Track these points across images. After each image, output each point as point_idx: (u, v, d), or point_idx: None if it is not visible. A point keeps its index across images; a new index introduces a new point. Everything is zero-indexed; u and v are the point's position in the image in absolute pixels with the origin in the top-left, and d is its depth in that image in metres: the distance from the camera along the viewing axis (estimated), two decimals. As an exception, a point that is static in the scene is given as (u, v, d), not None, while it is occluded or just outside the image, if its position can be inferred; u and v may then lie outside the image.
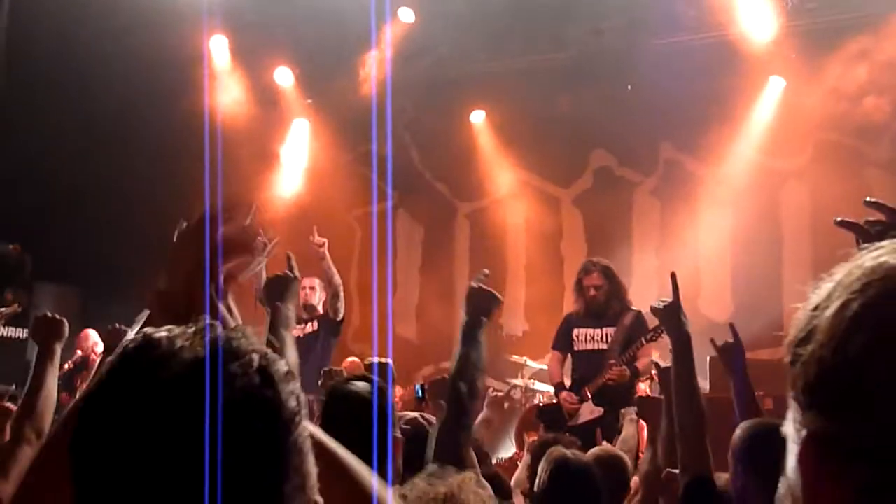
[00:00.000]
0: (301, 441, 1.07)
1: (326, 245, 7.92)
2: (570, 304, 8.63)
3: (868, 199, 2.08)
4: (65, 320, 3.72)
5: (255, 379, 1.04)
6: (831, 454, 0.81)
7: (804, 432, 0.84)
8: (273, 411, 1.05)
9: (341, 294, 7.99)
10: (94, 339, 8.54)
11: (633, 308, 7.25)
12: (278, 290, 3.31)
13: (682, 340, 3.48)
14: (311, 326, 8.12)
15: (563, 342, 7.47)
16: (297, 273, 3.45)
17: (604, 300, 7.20)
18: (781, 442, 0.96)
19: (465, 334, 3.33)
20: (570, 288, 7.91)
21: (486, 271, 3.65)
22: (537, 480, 3.63)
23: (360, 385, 2.86)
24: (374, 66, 10.03)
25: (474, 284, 3.47)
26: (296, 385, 1.09)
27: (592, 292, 7.22)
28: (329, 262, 7.94)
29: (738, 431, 3.04)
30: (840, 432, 0.80)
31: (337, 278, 8.00)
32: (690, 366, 3.48)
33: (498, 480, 3.96)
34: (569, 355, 7.47)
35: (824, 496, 0.82)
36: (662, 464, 3.80)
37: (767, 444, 2.90)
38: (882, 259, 0.84)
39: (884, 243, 0.86)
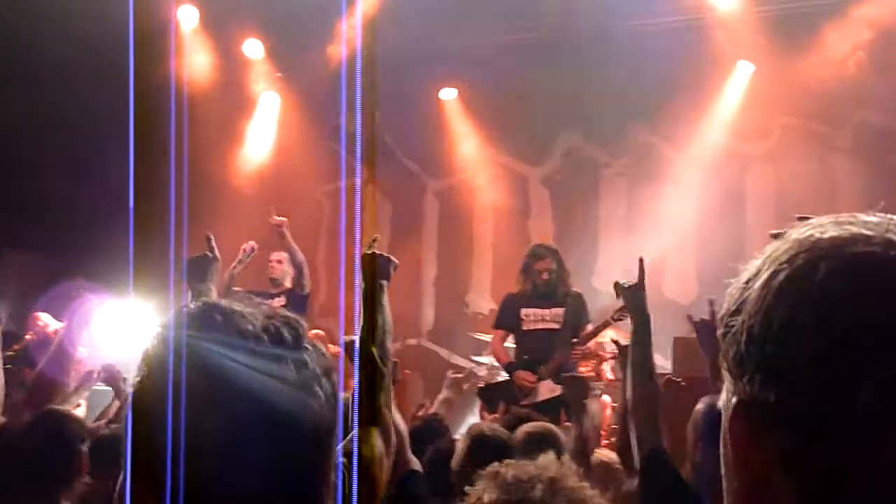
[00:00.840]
0: None
1: (286, 224, 7.96)
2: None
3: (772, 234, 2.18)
4: None
5: None
6: (757, 421, 0.84)
7: (734, 400, 0.87)
8: None
9: (305, 270, 8.07)
10: (44, 321, 8.46)
11: (574, 290, 7.44)
12: (199, 270, 3.35)
13: (643, 321, 3.54)
14: (278, 301, 8.13)
15: (508, 321, 7.58)
16: (216, 254, 3.48)
17: (555, 283, 7.38)
18: None
19: (366, 300, 3.35)
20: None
21: (377, 236, 3.67)
22: (455, 455, 3.69)
23: None
24: (344, 41, 9.97)
25: (367, 251, 3.49)
26: None
27: (545, 276, 7.39)
28: (290, 241, 7.99)
29: (699, 406, 3.09)
30: (765, 399, 0.83)
31: (300, 255, 8.05)
32: (648, 346, 3.55)
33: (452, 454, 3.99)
34: (510, 336, 7.60)
35: (751, 461, 0.85)
36: (618, 440, 3.86)
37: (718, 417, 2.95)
38: (809, 232, 0.87)
39: (811, 220, 0.90)
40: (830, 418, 0.80)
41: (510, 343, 7.76)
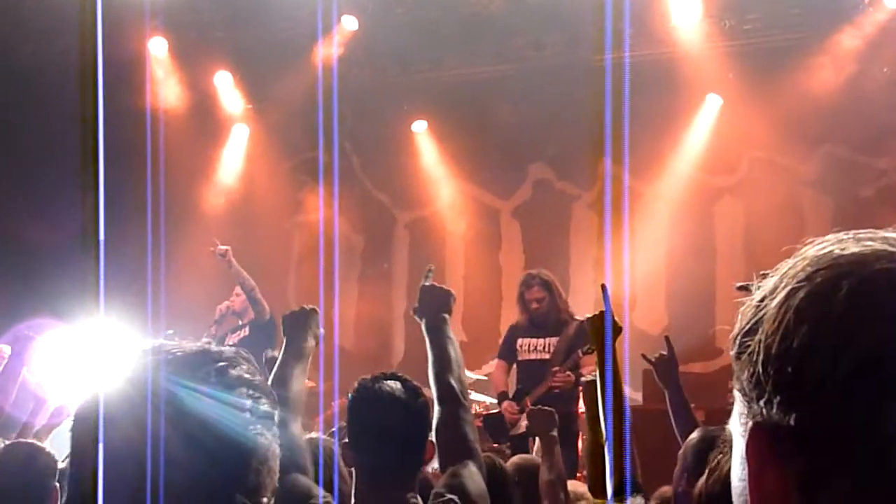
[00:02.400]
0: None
1: (230, 252, 7.95)
2: (507, 315, 8.67)
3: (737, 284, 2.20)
4: None
5: None
6: (776, 443, 0.81)
7: (750, 423, 0.84)
8: None
9: (256, 295, 8.05)
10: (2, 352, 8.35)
11: (577, 318, 7.36)
12: (298, 322, 3.27)
13: (605, 352, 3.51)
14: (244, 332, 8.10)
15: (507, 351, 7.59)
16: (313, 306, 3.42)
17: (546, 311, 7.36)
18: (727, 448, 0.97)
19: (433, 334, 3.26)
20: (508, 299, 7.99)
21: (432, 266, 3.58)
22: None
23: (390, 384, 2.80)
24: (318, 73, 9.99)
25: (426, 283, 3.40)
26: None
27: (535, 305, 7.38)
28: (237, 268, 7.97)
29: (690, 440, 3.08)
30: (785, 421, 0.80)
31: (249, 282, 8.04)
32: (618, 378, 3.52)
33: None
34: (513, 365, 7.57)
35: (770, 485, 0.82)
36: (589, 474, 3.85)
37: (708, 448, 2.95)
38: (828, 249, 0.85)
39: (828, 236, 0.87)
40: (855, 441, 0.77)
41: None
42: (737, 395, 0.88)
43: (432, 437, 2.86)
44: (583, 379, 4.34)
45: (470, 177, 11.15)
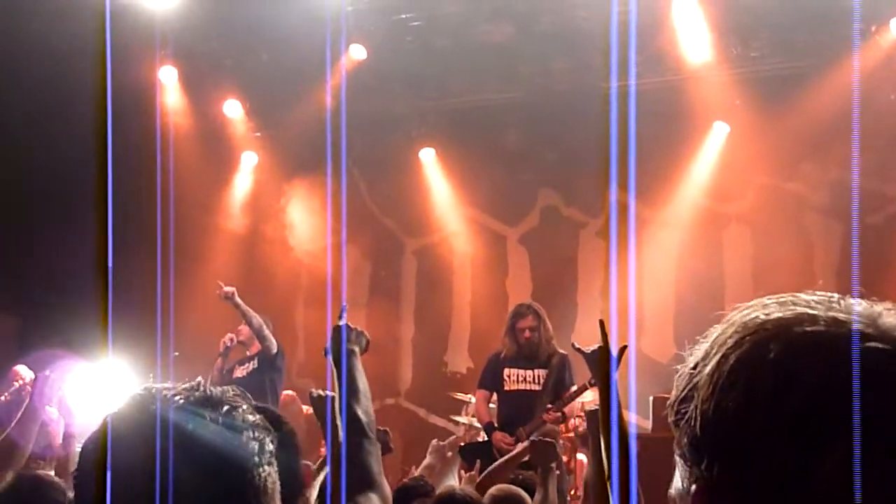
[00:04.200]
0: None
1: (235, 294, 7.97)
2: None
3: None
4: None
5: None
6: (721, 502, 0.84)
7: (693, 487, 0.87)
8: None
9: (265, 332, 8.04)
10: (23, 375, 8.37)
11: (560, 351, 7.37)
12: (342, 340, 3.26)
13: (606, 385, 3.47)
14: (252, 364, 8.11)
15: (491, 381, 7.53)
16: (348, 324, 3.40)
17: (537, 342, 7.32)
18: None
19: (339, 366, 3.24)
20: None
21: (345, 305, 3.56)
22: None
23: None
24: (326, 101, 10.04)
25: (342, 323, 3.37)
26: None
27: (527, 334, 7.34)
28: (243, 307, 7.98)
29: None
30: (725, 482, 0.83)
31: (257, 319, 8.05)
32: (618, 410, 3.49)
33: None
34: (494, 395, 7.53)
35: None
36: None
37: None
38: (753, 314, 0.88)
39: (752, 302, 0.91)
40: (794, 495, 0.80)
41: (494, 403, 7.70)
42: (678, 460, 0.91)
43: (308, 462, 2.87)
44: (586, 408, 4.30)
45: (477, 203, 11.17)
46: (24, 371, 8.40)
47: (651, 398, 7.96)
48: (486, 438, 7.70)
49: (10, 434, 3.76)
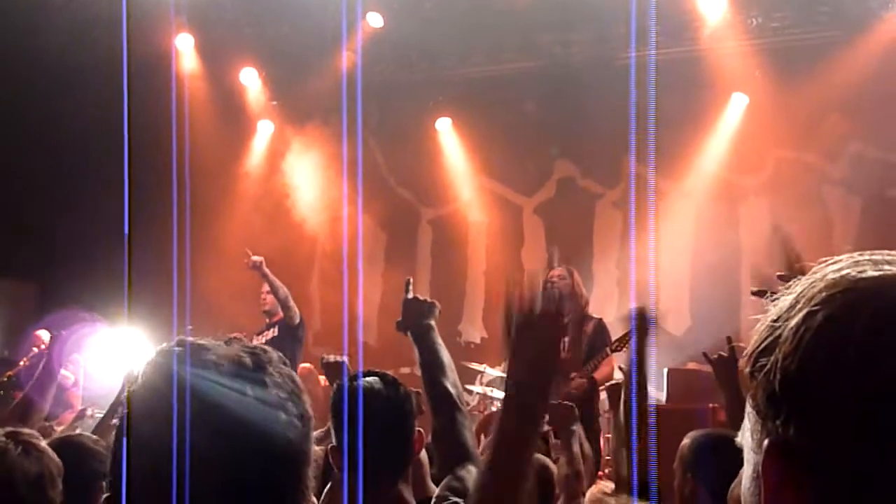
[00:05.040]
0: None
1: (263, 262, 8.00)
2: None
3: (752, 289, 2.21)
4: None
5: None
6: (793, 463, 0.82)
7: (766, 442, 0.84)
8: None
9: (290, 303, 8.09)
10: (45, 339, 8.46)
11: (594, 316, 7.31)
12: (417, 313, 3.24)
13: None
14: (272, 332, 8.15)
15: None
16: (417, 297, 3.38)
17: (565, 294, 7.12)
18: (731, 451, 0.97)
19: (421, 342, 3.23)
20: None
21: (410, 279, 3.53)
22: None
23: (368, 380, 2.83)
24: (343, 70, 10.01)
25: (408, 296, 3.35)
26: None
27: (554, 280, 7.20)
28: (271, 276, 8.02)
29: (686, 441, 3.07)
30: (802, 442, 0.81)
31: (282, 290, 8.08)
32: (643, 381, 3.51)
33: None
34: None
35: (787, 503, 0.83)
36: (615, 473, 3.85)
37: (717, 453, 2.94)
38: (845, 272, 0.85)
39: (842, 256, 0.87)
40: (874, 465, 0.78)
41: None
42: (749, 411, 0.88)
43: (420, 428, 2.88)
44: (608, 382, 4.30)
45: (493, 173, 11.15)
46: (45, 336, 8.50)
47: (665, 370, 7.96)
48: (498, 408, 7.71)
49: (27, 392, 3.80)
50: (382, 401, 2.71)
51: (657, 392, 7.73)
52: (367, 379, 2.81)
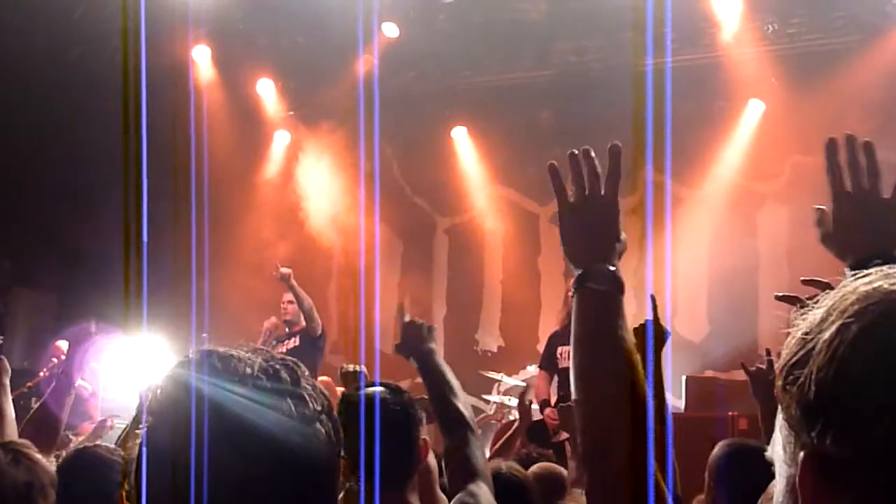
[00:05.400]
0: None
1: (292, 274, 8.12)
2: (546, 320, 8.59)
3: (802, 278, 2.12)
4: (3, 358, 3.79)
5: None
6: (830, 475, 0.83)
7: (802, 455, 0.85)
8: None
9: (314, 314, 8.18)
10: (64, 350, 8.51)
11: None
12: (417, 337, 3.33)
13: (647, 362, 3.49)
14: (293, 342, 8.20)
15: (546, 361, 7.54)
16: (415, 320, 3.45)
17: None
18: (759, 462, 0.97)
19: (425, 365, 3.28)
20: (547, 304, 7.95)
21: (402, 304, 3.64)
22: None
23: (371, 389, 2.86)
24: (359, 80, 10.04)
25: (405, 320, 3.42)
26: None
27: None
28: (297, 288, 8.13)
29: (717, 451, 3.05)
30: (839, 454, 0.82)
31: (307, 301, 8.18)
32: (660, 386, 3.50)
33: None
34: (555, 374, 7.53)
35: None
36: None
37: (745, 464, 2.92)
38: (877, 284, 0.86)
39: (871, 270, 0.88)
40: None
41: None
42: (782, 423, 0.89)
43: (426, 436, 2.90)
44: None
45: (509, 182, 11.15)
46: (64, 346, 8.54)
47: (684, 377, 7.93)
48: (516, 416, 7.71)
49: (45, 403, 3.81)
50: (387, 409, 2.73)
51: (676, 399, 7.71)
52: (371, 388, 2.84)
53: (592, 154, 1.91)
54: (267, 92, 11.41)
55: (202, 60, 10.88)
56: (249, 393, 1.15)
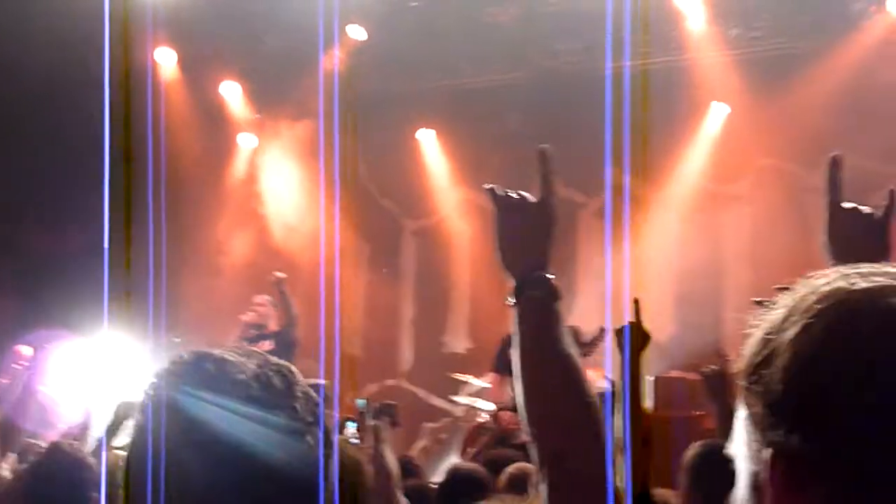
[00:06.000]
0: None
1: (286, 281, 8.25)
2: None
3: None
4: None
5: None
6: (798, 470, 0.83)
7: (768, 451, 0.86)
8: None
9: (297, 321, 8.26)
10: (25, 354, 8.41)
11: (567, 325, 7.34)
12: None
13: (625, 364, 3.52)
14: (268, 344, 8.18)
15: (501, 363, 7.54)
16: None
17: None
18: (734, 463, 0.97)
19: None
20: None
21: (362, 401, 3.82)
22: (437, 494, 3.81)
23: None
24: (323, 82, 10.00)
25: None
26: None
27: None
28: (288, 295, 8.22)
29: (691, 450, 3.07)
30: (807, 450, 0.82)
31: (295, 309, 8.25)
32: (636, 389, 3.53)
33: (425, 492, 4.14)
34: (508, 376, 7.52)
35: None
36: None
37: (720, 465, 2.93)
38: (837, 284, 0.87)
39: (828, 270, 0.89)
40: (881, 468, 0.80)
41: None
42: (746, 423, 0.89)
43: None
44: (601, 391, 4.33)
45: (476, 184, 11.14)
46: (25, 352, 8.43)
47: (651, 378, 7.97)
48: (486, 419, 7.72)
49: (7, 411, 3.76)
50: None
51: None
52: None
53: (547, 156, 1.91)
54: (232, 94, 11.34)
55: (166, 63, 10.79)
56: (238, 405, 1.12)
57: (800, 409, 0.83)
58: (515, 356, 1.66)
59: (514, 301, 1.80)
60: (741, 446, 0.90)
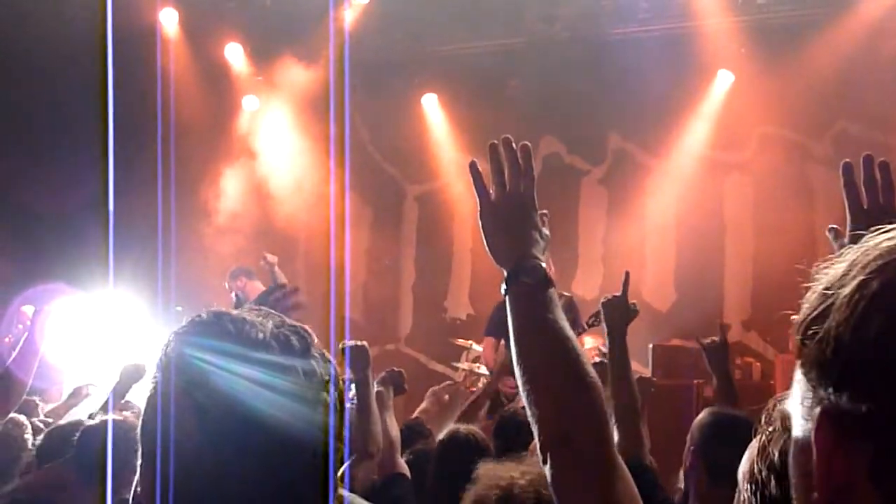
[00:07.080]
0: None
1: (276, 261, 8.21)
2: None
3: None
4: None
5: None
6: (847, 430, 0.82)
7: (818, 409, 0.84)
8: None
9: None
10: (28, 314, 8.45)
11: (565, 294, 7.38)
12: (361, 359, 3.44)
13: (620, 334, 3.55)
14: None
15: (497, 328, 7.56)
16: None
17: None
18: (744, 434, 0.96)
19: (362, 389, 3.42)
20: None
21: (343, 343, 3.82)
22: (432, 458, 3.85)
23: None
24: (328, 45, 9.95)
25: (353, 344, 3.59)
26: None
27: None
28: (280, 276, 8.21)
29: (701, 417, 3.06)
30: (856, 409, 0.81)
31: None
32: (626, 357, 3.55)
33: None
34: (502, 341, 7.56)
35: (838, 470, 0.83)
36: None
37: (730, 434, 2.95)
38: None
39: (894, 226, 0.87)
40: None
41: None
42: (800, 378, 0.88)
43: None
44: (595, 360, 4.37)
45: (478, 150, 11.10)
46: (29, 311, 8.47)
47: (651, 346, 8.01)
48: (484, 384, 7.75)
49: (9, 368, 3.78)
50: None
51: (642, 368, 7.80)
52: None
53: (514, 145, 1.92)
54: (235, 56, 11.29)
55: (169, 23, 10.74)
56: (257, 362, 1.14)
57: (850, 367, 0.81)
58: (513, 343, 1.67)
59: (507, 291, 1.79)
60: (796, 405, 0.89)
